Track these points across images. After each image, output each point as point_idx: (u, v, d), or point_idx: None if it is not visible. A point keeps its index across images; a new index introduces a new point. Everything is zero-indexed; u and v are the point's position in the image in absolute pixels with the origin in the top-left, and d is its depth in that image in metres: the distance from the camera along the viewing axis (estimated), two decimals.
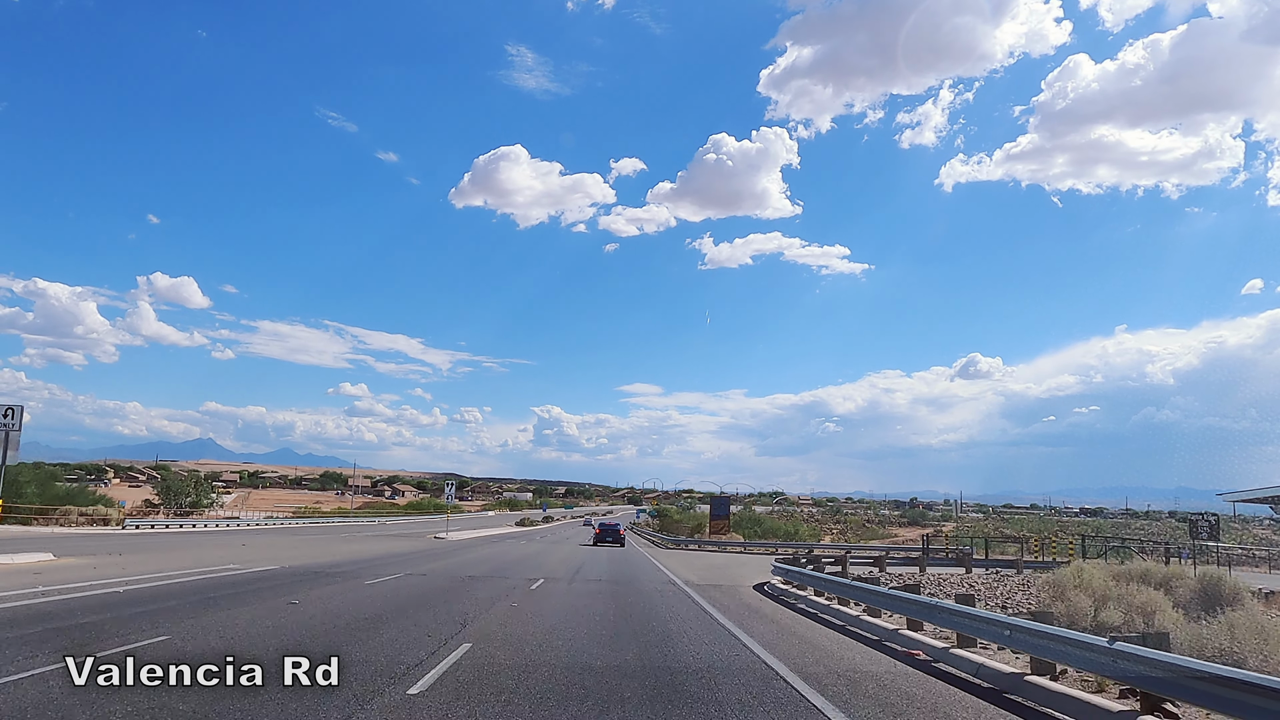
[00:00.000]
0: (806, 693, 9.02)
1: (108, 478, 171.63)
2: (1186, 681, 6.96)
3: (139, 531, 45.40)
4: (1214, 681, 6.61)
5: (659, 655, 11.17)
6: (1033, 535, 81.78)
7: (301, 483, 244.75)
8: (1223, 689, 6.48)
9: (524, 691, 8.32)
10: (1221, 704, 6.53)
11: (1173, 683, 7.15)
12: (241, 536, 42.81)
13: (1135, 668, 7.62)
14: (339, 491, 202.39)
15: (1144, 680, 7.56)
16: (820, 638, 14.10)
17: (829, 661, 11.45)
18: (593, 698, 8.21)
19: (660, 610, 16.77)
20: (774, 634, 14.23)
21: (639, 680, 9.22)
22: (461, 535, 51.73)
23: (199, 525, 55.53)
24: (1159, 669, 7.28)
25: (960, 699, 9.26)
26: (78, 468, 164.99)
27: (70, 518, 46.67)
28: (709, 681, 9.37)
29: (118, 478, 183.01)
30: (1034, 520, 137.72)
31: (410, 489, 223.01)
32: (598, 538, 52.03)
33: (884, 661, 11.73)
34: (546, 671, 9.47)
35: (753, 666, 10.69)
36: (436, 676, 8.75)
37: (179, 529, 50.57)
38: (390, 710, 7.25)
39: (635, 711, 7.69)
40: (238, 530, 52.97)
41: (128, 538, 37.60)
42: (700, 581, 26.16)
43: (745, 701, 8.38)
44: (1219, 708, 6.63)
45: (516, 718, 7.31)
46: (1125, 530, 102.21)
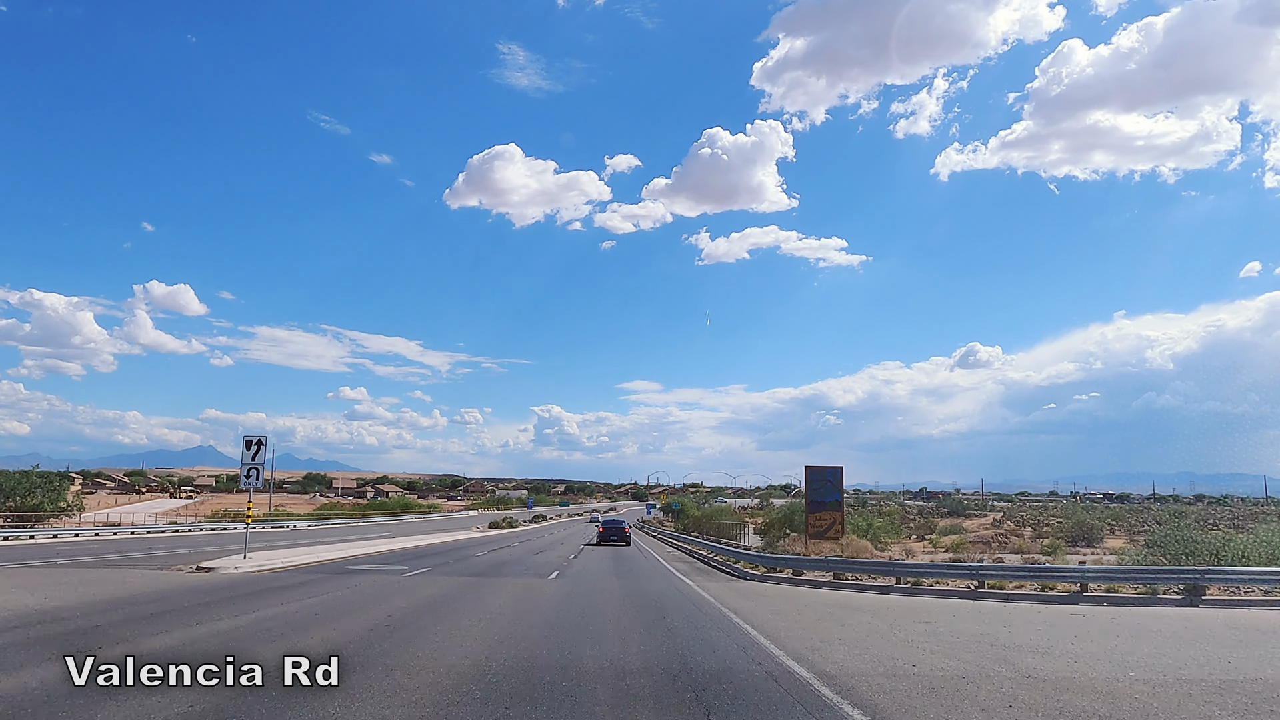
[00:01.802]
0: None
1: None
2: None
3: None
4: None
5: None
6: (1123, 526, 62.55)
7: (283, 486, 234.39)
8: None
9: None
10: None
11: None
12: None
13: None
14: (313, 495, 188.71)
15: None
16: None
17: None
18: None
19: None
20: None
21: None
22: (309, 556, 27.39)
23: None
24: None
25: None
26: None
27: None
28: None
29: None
30: (1074, 508, 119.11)
31: (397, 489, 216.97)
32: (601, 536, 49.65)
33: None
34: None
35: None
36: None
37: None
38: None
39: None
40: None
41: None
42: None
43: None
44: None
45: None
46: (1194, 513, 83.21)
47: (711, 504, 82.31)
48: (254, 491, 24.81)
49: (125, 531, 48.15)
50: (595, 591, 19.45)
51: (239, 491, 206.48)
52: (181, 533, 50.53)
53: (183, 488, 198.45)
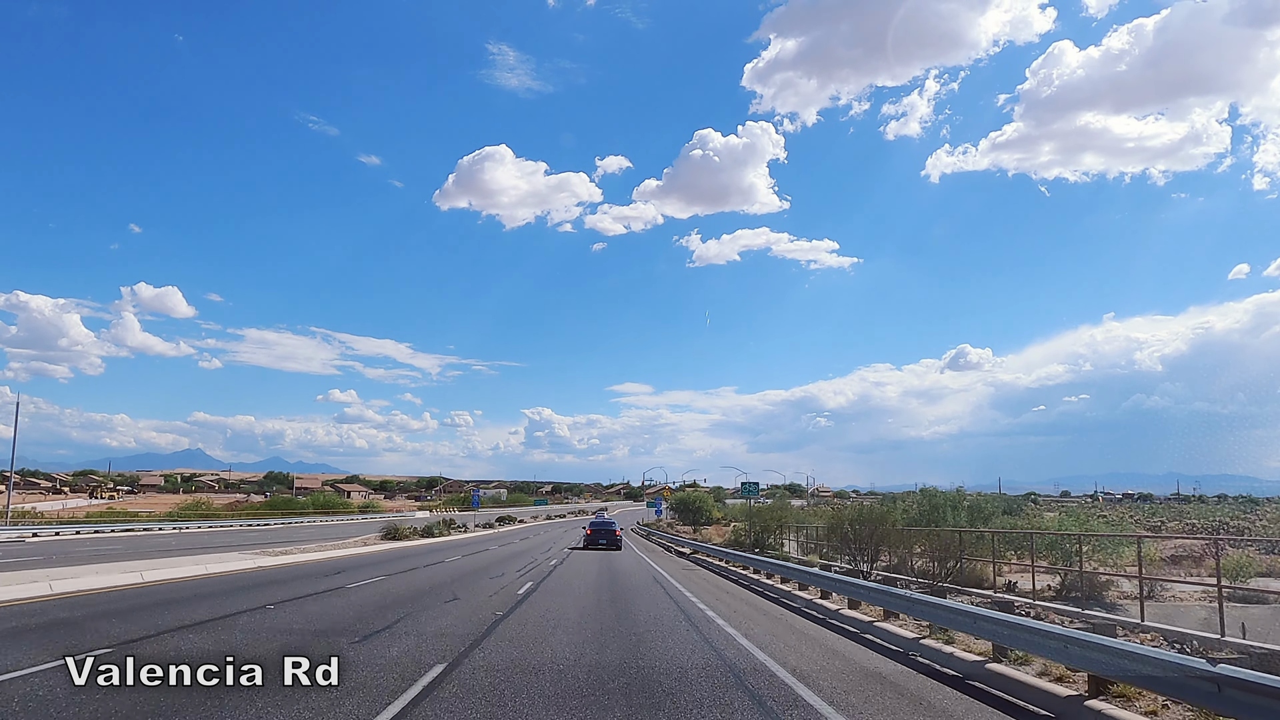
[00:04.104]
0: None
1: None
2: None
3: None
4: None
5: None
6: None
7: (240, 486, 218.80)
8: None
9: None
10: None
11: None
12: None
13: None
14: (266, 494, 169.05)
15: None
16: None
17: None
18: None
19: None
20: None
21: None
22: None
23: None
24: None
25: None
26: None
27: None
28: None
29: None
30: (1097, 509, 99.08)
31: (363, 490, 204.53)
32: (589, 539, 45.92)
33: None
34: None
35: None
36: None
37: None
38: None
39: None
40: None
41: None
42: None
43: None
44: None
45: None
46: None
47: (782, 501, 59.98)
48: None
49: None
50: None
51: (186, 492, 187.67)
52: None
53: (120, 488, 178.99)
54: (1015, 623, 9.91)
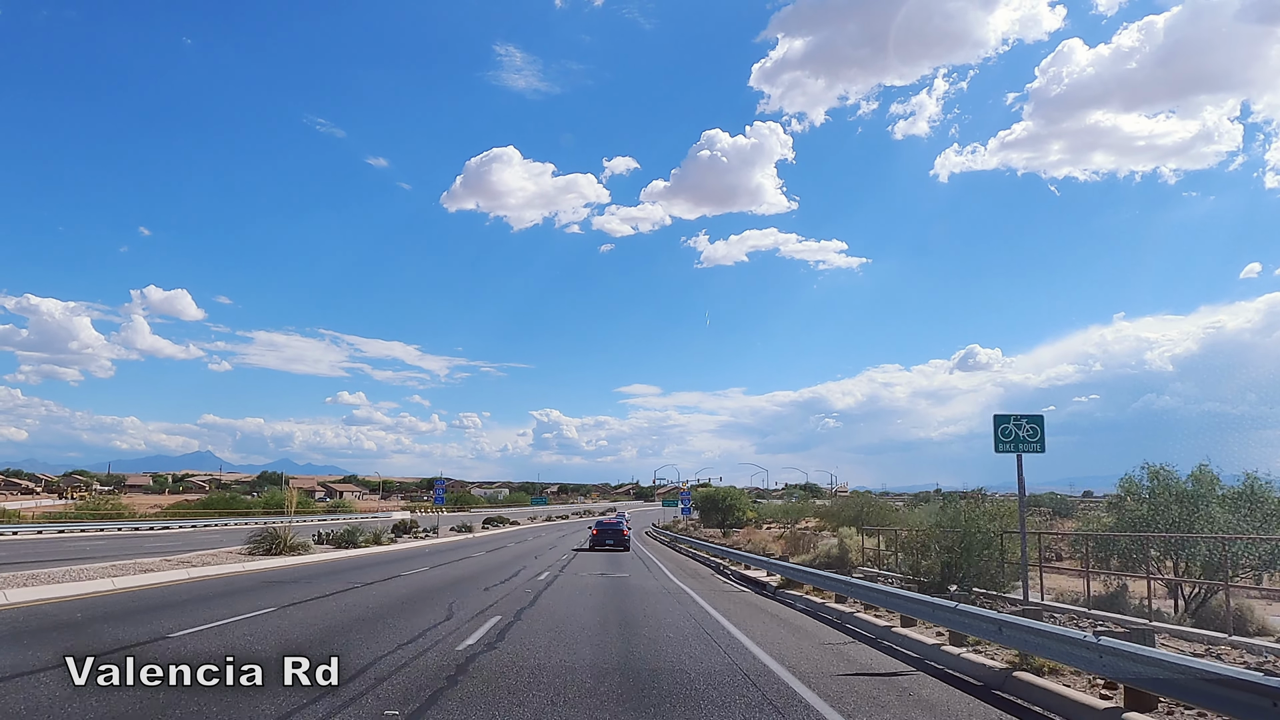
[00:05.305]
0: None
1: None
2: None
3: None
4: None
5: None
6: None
7: (232, 487, 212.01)
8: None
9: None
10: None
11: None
12: None
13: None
14: (254, 494, 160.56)
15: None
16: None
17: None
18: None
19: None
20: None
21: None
22: None
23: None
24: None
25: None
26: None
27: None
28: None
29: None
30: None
31: (357, 490, 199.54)
32: (595, 540, 44.76)
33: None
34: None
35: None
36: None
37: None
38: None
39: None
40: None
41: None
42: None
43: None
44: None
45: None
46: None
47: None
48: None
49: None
50: None
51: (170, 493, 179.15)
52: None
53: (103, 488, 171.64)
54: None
